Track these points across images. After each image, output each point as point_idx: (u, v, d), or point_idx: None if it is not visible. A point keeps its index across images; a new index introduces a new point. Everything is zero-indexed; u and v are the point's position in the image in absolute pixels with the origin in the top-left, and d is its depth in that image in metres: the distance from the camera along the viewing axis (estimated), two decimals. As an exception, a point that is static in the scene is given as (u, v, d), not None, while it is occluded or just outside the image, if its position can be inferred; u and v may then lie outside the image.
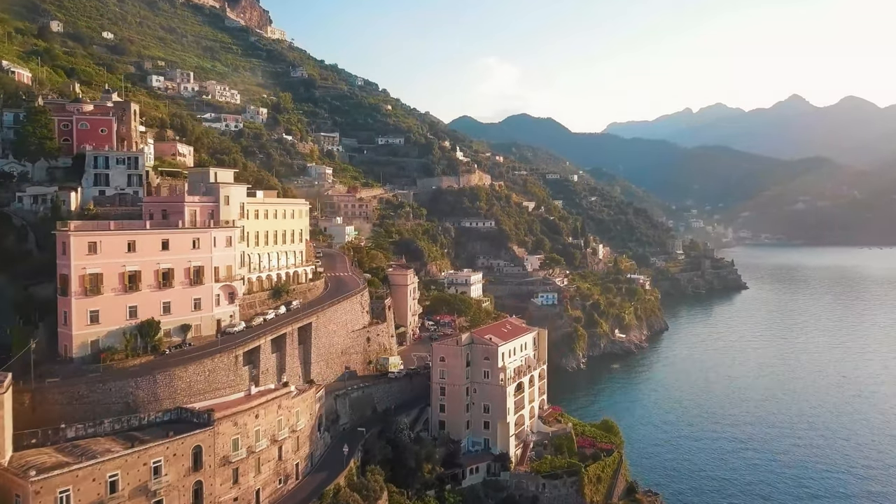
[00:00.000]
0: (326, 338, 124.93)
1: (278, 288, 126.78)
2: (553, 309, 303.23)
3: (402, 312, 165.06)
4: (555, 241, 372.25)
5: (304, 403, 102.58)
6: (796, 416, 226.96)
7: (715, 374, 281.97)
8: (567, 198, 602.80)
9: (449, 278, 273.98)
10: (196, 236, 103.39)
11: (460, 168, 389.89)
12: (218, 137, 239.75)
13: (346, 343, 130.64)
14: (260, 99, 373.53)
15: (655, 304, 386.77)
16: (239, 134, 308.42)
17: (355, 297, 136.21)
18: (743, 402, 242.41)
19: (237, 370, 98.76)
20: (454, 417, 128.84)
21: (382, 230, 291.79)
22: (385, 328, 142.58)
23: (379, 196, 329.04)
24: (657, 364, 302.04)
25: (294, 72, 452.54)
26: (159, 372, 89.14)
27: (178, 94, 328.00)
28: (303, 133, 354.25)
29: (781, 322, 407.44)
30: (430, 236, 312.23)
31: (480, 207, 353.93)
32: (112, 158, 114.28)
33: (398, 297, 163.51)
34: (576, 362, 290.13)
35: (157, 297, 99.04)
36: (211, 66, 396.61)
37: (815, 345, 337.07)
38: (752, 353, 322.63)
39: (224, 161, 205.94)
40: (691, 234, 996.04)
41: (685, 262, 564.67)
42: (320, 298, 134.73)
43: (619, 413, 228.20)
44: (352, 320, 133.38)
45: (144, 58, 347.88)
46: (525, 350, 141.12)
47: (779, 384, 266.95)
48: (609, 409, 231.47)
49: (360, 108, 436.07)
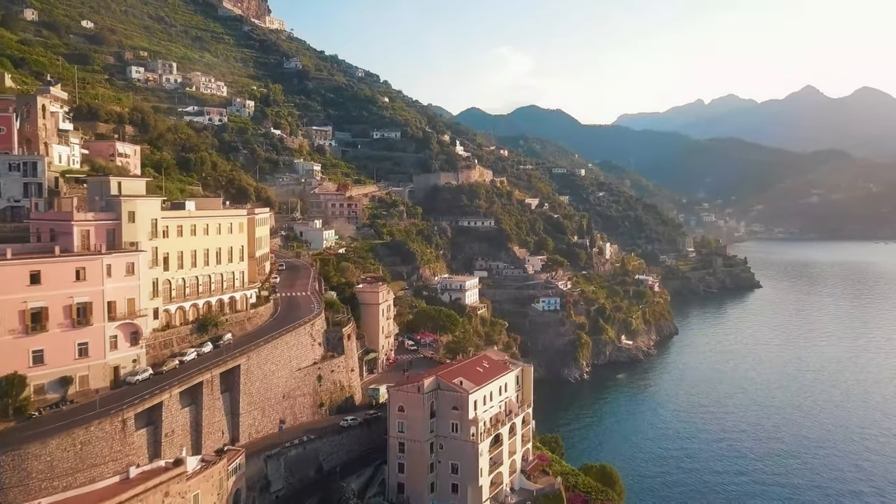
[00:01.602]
0: (262, 381, 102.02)
1: (205, 320, 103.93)
2: (555, 315, 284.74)
3: (373, 335, 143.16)
4: (559, 241, 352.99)
5: (207, 483, 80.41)
6: (820, 440, 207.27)
7: (728, 385, 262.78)
8: (574, 193, 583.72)
9: (442, 283, 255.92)
10: (80, 265, 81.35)
11: (459, 163, 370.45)
12: (187, 133, 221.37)
13: (289, 385, 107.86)
14: (249, 91, 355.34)
15: (665, 306, 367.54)
16: (222, 128, 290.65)
17: (303, 328, 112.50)
18: (762, 420, 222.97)
19: (125, 438, 75.77)
20: (415, 479, 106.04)
21: (373, 231, 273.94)
22: (343, 362, 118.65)
23: (371, 194, 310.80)
24: (666, 374, 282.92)
25: (287, 63, 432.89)
26: (6, 450, 66.25)
27: (159, 87, 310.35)
28: (293, 127, 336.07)
29: (798, 325, 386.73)
30: (424, 237, 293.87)
31: (480, 206, 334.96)
32: (3, 164, 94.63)
33: (368, 318, 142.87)
34: (579, 372, 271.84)
35: (25, 345, 77.22)
36: (199, 57, 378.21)
37: (836, 351, 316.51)
38: (767, 362, 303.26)
39: (190, 160, 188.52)
40: (702, 228, 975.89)
41: (696, 259, 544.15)
42: (262, 329, 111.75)
43: (624, 432, 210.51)
44: (298, 356, 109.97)
45: (126, 48, 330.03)
46: (505, 393, 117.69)
47: (797, 398, 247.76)
48: (613, 431, 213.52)
49: (356, 101, 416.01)
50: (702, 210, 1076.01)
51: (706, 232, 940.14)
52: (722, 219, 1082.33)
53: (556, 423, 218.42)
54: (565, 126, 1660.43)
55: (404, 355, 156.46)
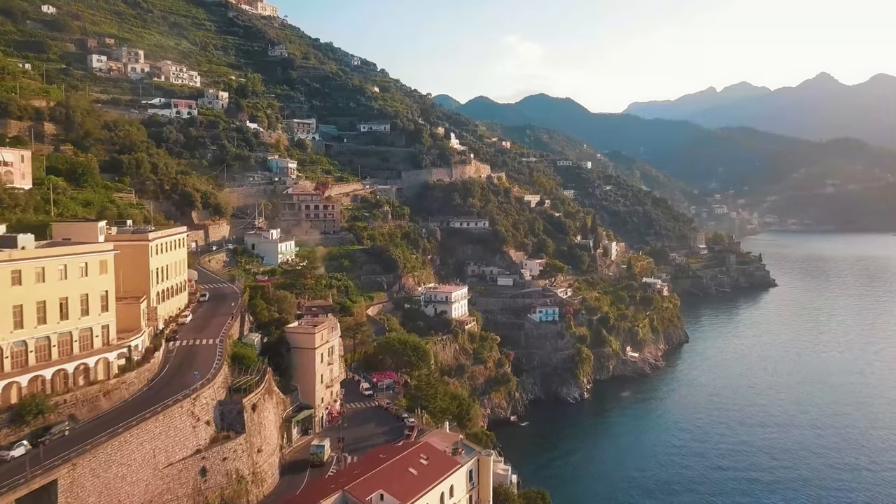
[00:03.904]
0: (106, 492, 68.66)
1: (23, 406, 71.41)
2: (553, 326, 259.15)
3: (309, 388, 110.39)
4: (560, 242, 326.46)
5: None
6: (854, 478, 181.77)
7: (743, 403, 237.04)
8: (580, 187, 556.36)
9: (426, 295, 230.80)
10: None
11: (453, 158, 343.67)
12: (126, 130, 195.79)
13: (153, 490, 73.70)
14: (226, 81, 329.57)
15: (674, 312, 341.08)
16: (189, 122, 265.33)
17: (179, 406, 78.74)
18: (788, 447, 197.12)
19: None
20: None
21: (352, 235, 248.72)
22: (243, 443, 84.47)
23: (354, 193, 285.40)
24: (675, 392, 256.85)
25: (273, 50, 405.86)
26: None
27: (123, 77, 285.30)
28: (271, 120, 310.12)
29: (817, 329, 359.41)
30: (410, 241, 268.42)
31: (473, 204, 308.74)
32: None
33: (303, 366, 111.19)
34: (578, 391, 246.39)
35: None
36: (175, 45, 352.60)
37: (859, 364, 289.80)
38: (786, 372, 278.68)
39: (122, 164, 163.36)
40: (714, 220, 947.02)
41: (708, 257, 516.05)
42: (126, 407, 78.55)
43: (626, 467, 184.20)
44: (169, 446, 76.46)
45: (90, 35, 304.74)
46: (451, 499, 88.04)
47: (826, 416, 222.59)
48: (615, 466, 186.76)
49: (343, 91, 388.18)
50: (714, 202, 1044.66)
51: (718, 224, 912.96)
52: (734, 210, 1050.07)
53: (550, 456, 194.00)
54: (575, 115, 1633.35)
55: (357, 402, 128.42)
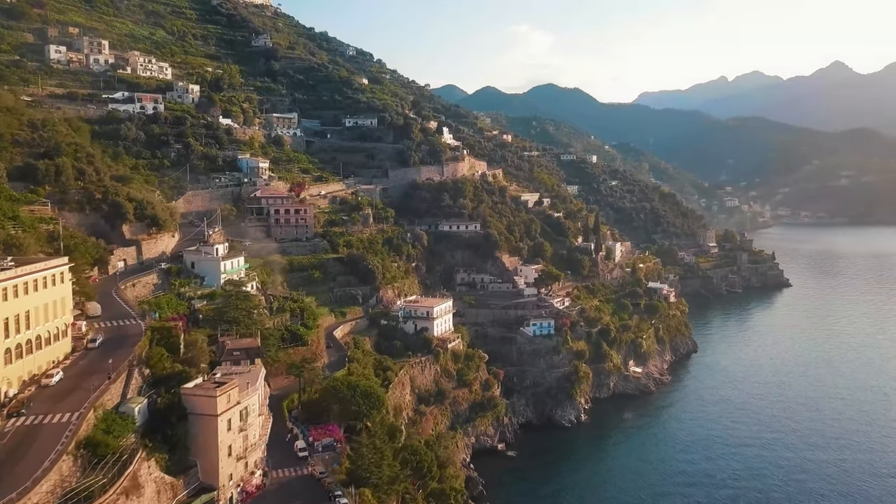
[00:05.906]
0: None
1: None
2: (549, 341, 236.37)
3: (211, 463, 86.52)
4: (559, 245, 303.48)
5: None
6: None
7: (759, 429, 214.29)
8: (584, 182, 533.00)
9: (405, 310, 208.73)
10: None
11: (445, 155, 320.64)
12: (56, 130, 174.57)
13: None
14: (200, 73, 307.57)
15: (682, 319, 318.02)
16: (153, 118, 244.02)
17: None
18: (803, 481, 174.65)
19: None
20: None
21: (326, 242, 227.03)
22: None
23: (333, 194, 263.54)
24: (682, 414, 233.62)
25: (256, 40, 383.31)
26: None
27: (84, 69, 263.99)
28: (248, 115, 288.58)
29: (837, 337, 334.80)
30: (393, 247, 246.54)
31: (464, 205, 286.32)
32: None
33: (204, 436, 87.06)
34: (575, 413, 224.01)
35: None
36: (148, 35, 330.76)
37: (883, 379, 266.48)
38: (805, 384, 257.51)
39: (37, 170, 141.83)
40: (725, 213, 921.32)
41: (718, 256, 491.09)
42: None
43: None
44: None
45: (52, 23, 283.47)
46: None
47: (840, 439, 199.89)
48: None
49: (328, 83, 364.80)
50: (724, 194, 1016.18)
51: (729, 217, 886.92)
52: (746, 203, 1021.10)
53: (540, 493, 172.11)
54: (583, 105, 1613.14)
55: (288, 467, 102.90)
